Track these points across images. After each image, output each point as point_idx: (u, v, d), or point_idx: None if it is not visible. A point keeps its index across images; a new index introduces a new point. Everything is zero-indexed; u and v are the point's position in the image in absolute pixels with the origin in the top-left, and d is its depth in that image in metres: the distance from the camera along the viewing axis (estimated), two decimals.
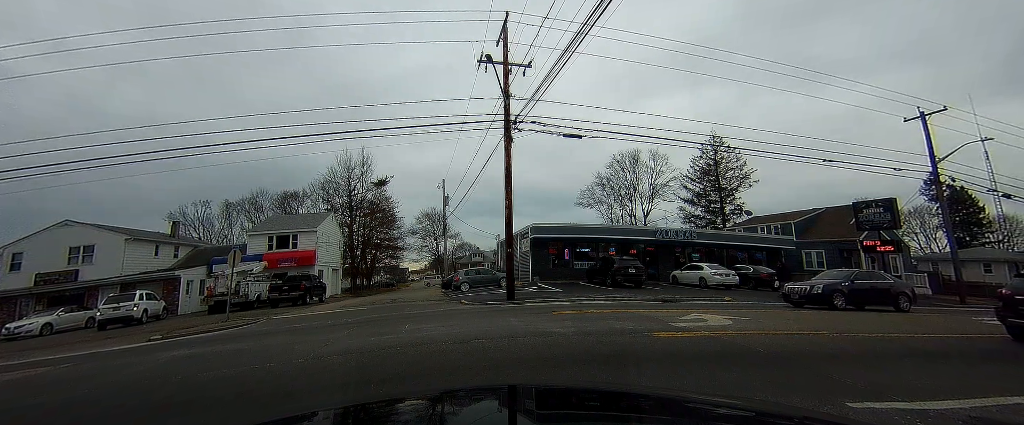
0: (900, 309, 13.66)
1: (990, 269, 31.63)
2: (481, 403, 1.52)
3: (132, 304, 20.09)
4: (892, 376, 4.67)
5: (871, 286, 13.97)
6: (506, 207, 15.79)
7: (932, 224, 50.62)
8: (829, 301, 13.19)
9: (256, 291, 25.11)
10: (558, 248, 27.35)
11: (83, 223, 29.04)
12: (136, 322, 19.68)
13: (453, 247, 69.98)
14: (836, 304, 13.14)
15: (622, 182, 52.94)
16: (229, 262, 17.46)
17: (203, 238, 51.25)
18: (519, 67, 16.13)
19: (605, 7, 9.85)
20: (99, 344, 12.33)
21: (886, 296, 13.96)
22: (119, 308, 19.71)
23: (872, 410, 3.51)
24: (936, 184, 22.40)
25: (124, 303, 20.05)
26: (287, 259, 30.92)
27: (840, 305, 13.17)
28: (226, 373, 5.90)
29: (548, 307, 12.55)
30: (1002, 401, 3.78)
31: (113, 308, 19.69)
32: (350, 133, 16.67)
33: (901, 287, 14.41)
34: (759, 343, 6.53)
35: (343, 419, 1.34)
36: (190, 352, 8.50)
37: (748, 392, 3.98)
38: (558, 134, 15.51)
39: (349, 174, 43.22)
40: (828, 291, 13.30)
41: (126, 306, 19.89)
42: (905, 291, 14.25)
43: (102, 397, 5.28)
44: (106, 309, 19.73)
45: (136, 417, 4.47)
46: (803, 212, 37.49)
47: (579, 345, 6.50)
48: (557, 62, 13.19)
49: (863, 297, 13.68)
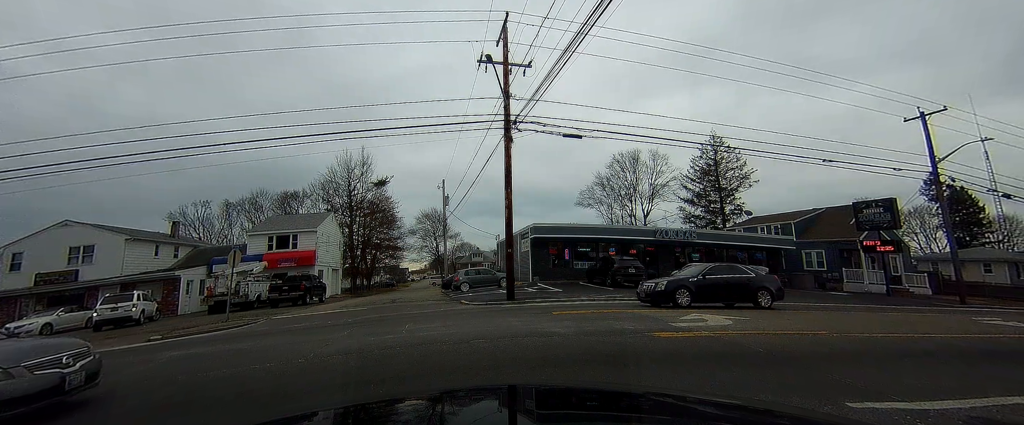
0: (759, 306, 12.39)
1: (990, 269, 31.62)
2: (481, 403, 1.52)
3: (130, 305, 19.96)
4: (892, 376, 4.67)
5: (725, 281, 12.72)
6: (506, 207, 15.79)
7: (932, 224, 50.66)
8: (672, 298, 12.02)
9: (256, 291, 25.10)
10: (558, 248, 27.35)
11: (83, 223, 29.04)
12: (133, 323, 19.59)
13: (453, 247, 70.13)
14: (680, 302, 11.98)
15: (622, 182, 53.02)
16: (229, 262, 17.46)
17: (203, 238, 51.27)
18: (519, 67, 16.13)
19: (605, 7, 9.85)
20: (99, 344, 12.31)
21: (744, 291, 12.67)
22: (117, 309, 19.60)
23: (872, 410, 3.51)
24: (936, 184, 22.40)
25: (123, 304, 19.93)
26: (287, 259, 30.93)
27: (685, 303, 12.00)
28: (226, 373, 5.90)
29: (548, 307, 12.55)
30: (1002, 401, 3.77)
31: (111, 309, 19.57)
32: (350, 133, 16.68)
33: (763, 282, 12.91)
34: (759, 343, 6.53)
35: (343, 419, 1.34)
36: (190, 352, 8.51)
37: (748, 392, 3.98)
38: (558, 134, 15.52)
39: (349, 174, 43.27)
40: (671, 288, 12.19)
41: (124, 306, 19.77)
42: (767, 286, 12.79)
43: (102, 397, 5.28)
44: (103, 309, 19.62)
45: (136, 417, 4.48)
46: (803, 212, 37.48)
47: (579, 345, 6.50)
48: (557, 62, 13.19)
49: (714, 293, 12.53)
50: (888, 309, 14.40)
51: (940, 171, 21.26)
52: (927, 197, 44.08)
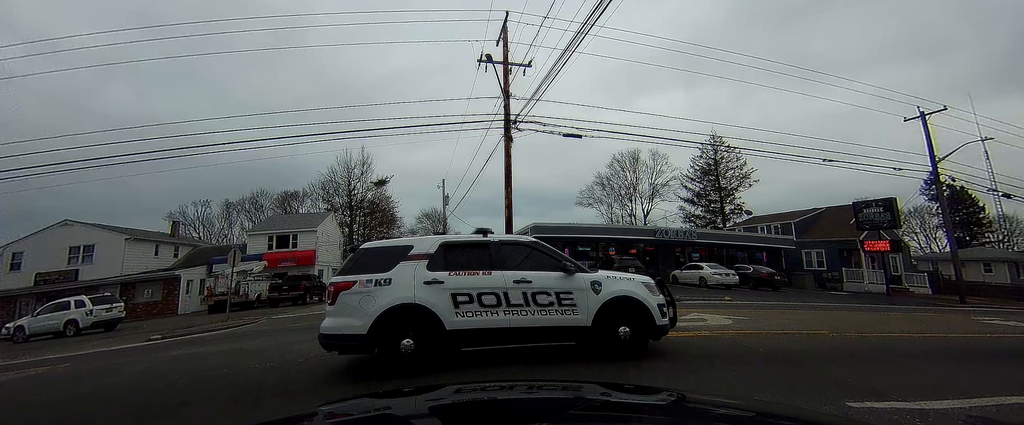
0: None
1: (990, 269, 31.63)
2: (484, 400, 1.52)
3: (64, 314, 17.39)
4: (892, 376, 4.67)
5: None
6: (506, 207, 15.78)
7: (932, 224, 50.62)
8: None
9: (256, 291, 25.11)
10: (558, 248, 27.32)
11: (83, 223, 29.06)
12: (84, 329, 17.26)
13: None
14: None
15: (622, 181, 52.98)
16: (229, 262, 17.46)
17: (203, 238, 51.24)
18: (519, 67, 16.11)
19: (605, 7, 9.84)
20: (99, 344, 12.34)
21: None
22: (53, 319, 17.28)
23: (872, 410, 3.51)
24: (936, 184, 22.40)
25: (56, 313, 17.50)
26: (287, 259, 30.95)
27: None
28: (226, 373, 5.90)
29: None
30: (1002, 401, 3.77)
31: (49, 317, 17.29)
32: (349, 133, 16.67)
33: None
34: (759, 342, 6.53)
35: (343, 419, 1.34)
36: (190, 352, 8.50)
37: (748, 391, 3.98)
38: (558, 134, 15.51)
39: (349, 174, 43.36)
40: None
41: (54, 318, 17.38)
42: None
43: (102, 397, 5.28)
44: (37, 320, 17.33)
45: (136, 417, 4.47)
46: (803, 212, 37.47)
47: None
48: (557, 62, 13.18)
49: None
50: (888, 309, 14.41)
51: (940, 171, 21.26)
52: (927, 197, 44.05)
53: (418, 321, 4.68)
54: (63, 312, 17.56)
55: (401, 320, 4.66)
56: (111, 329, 18.24)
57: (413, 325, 4.67)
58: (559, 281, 5.04)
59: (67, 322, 17.33)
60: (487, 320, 4.80)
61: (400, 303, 4.66)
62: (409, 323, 4.67)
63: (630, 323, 5.08)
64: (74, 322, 17.33)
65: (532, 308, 4.89)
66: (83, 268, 27.76)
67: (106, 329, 18.12)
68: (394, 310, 4.64)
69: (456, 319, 4.73)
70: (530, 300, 4.90)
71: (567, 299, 4.98)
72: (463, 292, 4.79)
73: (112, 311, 18.63)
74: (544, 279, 5.01)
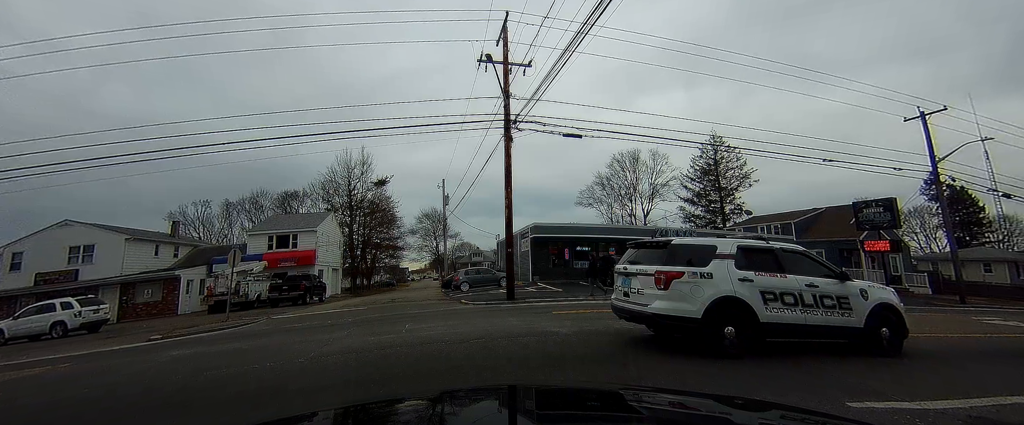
0: None
1: (990, 269, 31.63)
2: (481, 403, 1.52)
3: (49, 316, 16.94)
4: (892, 376, 4.67)
5: (482, 278, 23.77)
6: (506, 207, 15.79)
7: (932, 224, 50.62)
8: (458, 288, 22.25)
9: (256, 291, 25.11)
10: (558, 248, 27.34)
11: (83, 223, 29.04)
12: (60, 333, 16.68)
13: (453, 247, 70.12)
14: (462, 289, 21.92)
15: (622, 181, 53.02)
16: (229, 262, 17.44)
17: (203, 238, 51.27)
18: (519, 67, 16.12)
19: (605, 7, 9.84)
20: (99, 344, 12.34)
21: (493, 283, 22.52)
22: (34, 322, 16.87)
23: (872, 410, 3.51)
24: (936, 184, 22.40)
25: (40, 315, 17.09)
26: (287, 259, 30.93)
27: (465, 289, 21.87)
28: (226, 373, 5.90)
29: (548, 307, 12.55)
30: (1002, 401, 3.77)
31: (29, 321, 16.87)
32: (349, 133, 16.67)
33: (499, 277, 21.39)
34: None
35: (343, 419, 1.34)
36: (190, 352, 8.50)
37: (748, 391, 3.98)
38: (558, 134, 15.52)
39: (349, 174, 43.26)
40: (461, 282, 23.22)
41: (38, 320, 16.96)
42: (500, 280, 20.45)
43: (102, 397, 5.28)
44: (17, 323, 16.89)
45: (136, 416, 4.47)
46: (803, 212, 37.49)
47: (579, 345, 6.51)
48: (557, 62, 13.19)
49: (482, 285, 22.45)
50: None
51: (940, 171, 21.26)
52: (927, 197, 44.09)
53: (738, 312, 5.30)
54: (48, 314, 17.10)
55: (725, 310, 5.25)
56: (95, 331, 18.06)
57: (734, 315, 5.29)
58: (837, 287, 5.72)
59: (54, 324, 16.91)
60: (787, 316, 5.43)
61: (724, 295, 5.25)
62: (731, 313, 5.28)
63: (890, 326, 5.81)
64: (61, 323, 16.94)
65: (820, 310, 5.57)
66: (83, 268, 27.74)
67: (89, 331, 17.83)
68: (720, 301, 5.23)
69: (767, 313, 5.34)
70: (818, 302, 5.58)
71: (845, 303, 5.67)
72: (769, 290, 5.44)
73: (99, 313, 18.58)
74: (827, 284, 5.70)
